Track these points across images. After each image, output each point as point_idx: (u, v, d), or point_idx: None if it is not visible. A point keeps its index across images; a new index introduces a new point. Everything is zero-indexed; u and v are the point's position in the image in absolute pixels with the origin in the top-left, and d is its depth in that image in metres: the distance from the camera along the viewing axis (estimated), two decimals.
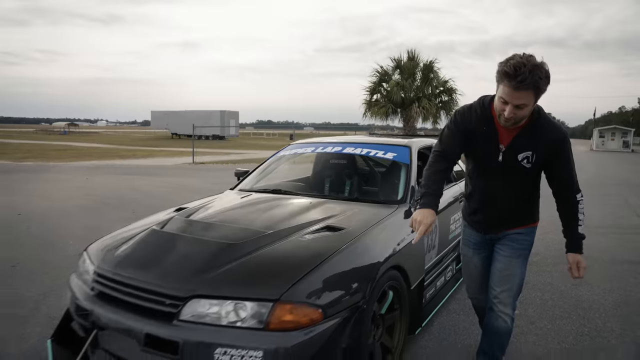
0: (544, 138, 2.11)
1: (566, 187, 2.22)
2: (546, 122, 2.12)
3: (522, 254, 2.37)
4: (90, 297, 2.29)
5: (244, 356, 1.81)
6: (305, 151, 3.88)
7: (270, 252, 2.21)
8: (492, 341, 2.44)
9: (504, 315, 2.35)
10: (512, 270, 2.34)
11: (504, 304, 2.34)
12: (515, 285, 2.36)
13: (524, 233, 2.37)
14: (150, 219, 2.96)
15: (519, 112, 1.99)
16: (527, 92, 1.92)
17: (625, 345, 3.00)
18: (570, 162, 2.19)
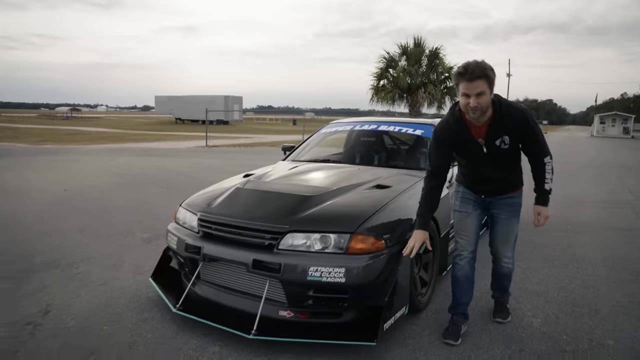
0: (511, 122, 2.50)
1: (536, 155, 2.62)
2: (508, 109, 2.50)
3: (516, 214, 2.81)
4: (198, 238, 2.97)
5: (330, 272, 2.51)
6: (345, 129, 4.55)
7: (340, 201, 2.91)
8: (502, 281, 3.01)
9: (507, 262, 2.89)
10: (511, 230, 2.82)
11: (506, 256, 2.88)
12: (513, 238, 2.87)
13: (515, 197, 2.79)
14: (225, 184, 3.61)
15: (481, 99, 2.38)
16: (480, 81, 2.35)
17: (609, 285, 3.71)
18: (537, 135, 2.57)
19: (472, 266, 2.86)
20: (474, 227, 2.84)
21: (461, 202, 2.88)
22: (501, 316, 3.04)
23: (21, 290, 3.41)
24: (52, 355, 2.53)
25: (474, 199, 2.84)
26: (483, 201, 2.83)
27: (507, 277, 2.99)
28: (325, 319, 2.66)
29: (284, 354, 2.56)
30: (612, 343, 2.74)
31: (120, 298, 3.31)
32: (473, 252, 2.84)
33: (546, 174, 2.61)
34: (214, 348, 2.63)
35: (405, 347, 2.67)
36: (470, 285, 2.88)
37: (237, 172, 4.32)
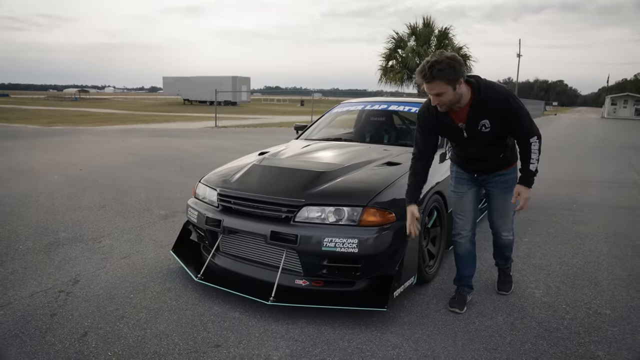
0: (491, 106, 2.48)
1: (522, 135, 2.57)
2: (488, 92, 2.47)
3: (510, 190, 2.76)
4: (217, 212, 3.14)
5: (344, 243, 2.67)
6: (356, 108, 4.67)
7: (353, 177, 3.06)
8: (503, 251, 3.10)
9: (507, 235, 2.98)
10: (506, 205, 2.85)
11: (505, 230, 2.96)
12: (509, 213, 2.92)
13: (508, 173, 2.81)
14: (241, 161, 3.76)
15: (442, 99, 2.42)
16: (436, 82, 2.36)
17: (610, 260, 3.85)
18: (521, 116, 2.50)
19: (472, 242, 2.96)
20: (470, 206, 2.90)
21: (455, 182, 2.95)
22: (504, 288, 3.17)
23: (50, 262, 3.62)
24: (86, 317, 2.73)
25: (467, 177, 2.90)
26: (476, 179, 2.88)
27: (508, 247, 3.08)
28: (339, 287, 2.84)
29: (300, 319, 2.74)
30: (609, 312, 2.90)
31: (143, 269, 3.51)
32: (471, 230, 2.93)
33: (532, 155, 2.54)
34: (234, 314, 2.82)
35: (414, 314, 2.84)
36: (473, 259, 3.00)
37: (247, 152, 4.47)
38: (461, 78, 2.41)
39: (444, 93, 2.41)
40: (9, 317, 2.72)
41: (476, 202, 2.93)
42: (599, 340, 2.56)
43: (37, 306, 2.86)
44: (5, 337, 2.50)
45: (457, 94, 2.44)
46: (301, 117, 28.59)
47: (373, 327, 2.67)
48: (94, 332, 2.57)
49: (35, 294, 3.05)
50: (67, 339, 2.50)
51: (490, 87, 2.51)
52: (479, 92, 2.48)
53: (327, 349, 2.45)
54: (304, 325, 2.69)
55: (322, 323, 2.71)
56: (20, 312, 2.78)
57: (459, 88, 2.43)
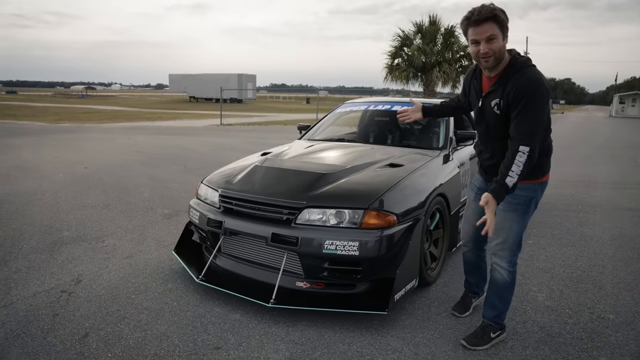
0: (511, 84, 2.17)
1: (515, 136, 2.16)
2: (521, 69, 2.19)
3: (516, 208, 2.35)
4: (219, 213, 3.13)
5: (345, 245, 2.66)
6: (359, 109, 4.65)
7: (355, 179, 3.04)
8: (492, 291, 2.53)
9: (499, 267, 2.43)
10: (505, 224, 2.36)
11: (498, 256, 2.42)
12: (510, 238, 2.37)
13: (521, 188, 2.28)
14: (244, 161, 3.76)
15: (492, 45, 2.14)
16: (488, 24, 2.13)
17: (615, 263, 3.81)
18: (528, 113, 2.13)
19: (477, 255, 2.77)
20: (473, 216, 2.62)
21: (470, 187, 2.77)
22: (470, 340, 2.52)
23: (54, 261, 3.63)
24: (87, 318, 2.74)
25: (479, 185, 2.63)
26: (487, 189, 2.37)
27: (498, 288, 2.48)
28: (340, 290, 2.83)
29: (301, 322, 2.74)
30: (613, 317, 2.87)
31: (145, 269, 3.51)
32: (472, 242, 2.72)
33: (513, 166, 2.13)
34: (235, 316, 2.82)
35: (415, 317, 2.83)
36: (477, 269, 2.84)
37: (252, 151, 4.47)
38: (507, 30, 2.19)
39: (496, 37, 2.14)
40: (11, 317, 2.74)
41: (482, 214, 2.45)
42: (601, 345, 2.54)
43: (40, 306, 2.88)
44: (7, 338, 2.51)
45: (503, 47, 2.19)
46: (306, 115, 28.57)
47: (373, 330, 2.65)
48: (95, 333, 2.58)
49: (38, 293, 3.06)
50: (69, 339, 2.51)
51: (528, 68, 2.20)
52: (513, 65, 2.22)
53: (327, 352, 2.44)
54: (304, 327, 2.68)
55: (322, 326, 2.70)
56: (23, 312, 2.79)
57: (505, 42, 2.19)
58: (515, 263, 2.45)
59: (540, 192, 2.41)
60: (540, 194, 2.42)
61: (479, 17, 2.14)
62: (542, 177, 2.38)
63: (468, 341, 2.52)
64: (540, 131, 2.19)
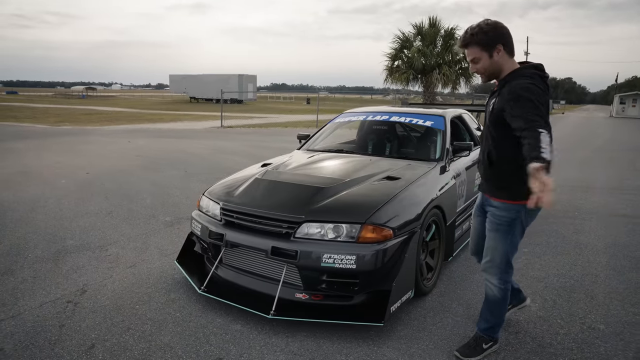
0: (506, 88, 2.26)
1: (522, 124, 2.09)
2: (518, 77, 2.24)
3: (500, 229, 2.39)
4: (220, 226, 3.22)
5: (342, 259, 2.74)
6: (358, 119, 4.73)
7: (353, 192, 3.13)
8: (485, 305, 2.60)
9: (490, 283, 2.50)
10: (491, 243, 2.44)
11: (488, 273, 2.50)
12: (496, 257, 2.42)
13: (500, 207, 2.38)
14: (244, 172, 3.84)
15: (477, 66, 2.31)
16: (470, 48, 2.28)
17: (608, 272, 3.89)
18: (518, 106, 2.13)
19: None
20: (473, 233, 2.72)
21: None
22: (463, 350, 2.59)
23: (59, 271, 3.72)
24: (93, 328, 2.83)
25: (479, 203, 2.65)
26: (483, 205, 2.59)
27: (489, 302, 2.55)
28: (337, 302, 2.91)
29: (300, 333, 2.82)
30: (603, 327, 2.95)
31: (148, 279, 3.60)
32: (476, 255, 2.76)
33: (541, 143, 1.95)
34: (236, 326, 2.90)
35: (410, 328, 2.91)
36: None
37: (252, 155, 4.56)
38: (500, 45, 2.25)
39: (479, 59, 2.28)
40: (19, 327, 2.82)
41: (481, 230, 2.62)
42: (590, 356, 2.62)
43: (46, 317, 2.97)
44: (16, 349, 2.60)
45: (496, 63, 2.28)
46: (307, 115, 28.65)
47: (370, 341, 2.74)
48: (100, 345, 2.67)
49: (45, 304, 3.15)
50: (75, 350, 2.60)
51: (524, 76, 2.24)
52: (512, 74, 2.28)
53: None
54: (303, 338, 2.77)
55: (320, 336, 2.79)
56: (30, 323, 2.88)
57: (498, 57, 2.27)
58: (506, 281, 2.49)
59: (524, 213, 2.34)
60: (524, 215, 2.36)
61: (462, 42, 2.32)
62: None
63: (461, 352, 2.59)
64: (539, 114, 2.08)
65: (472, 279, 3.70)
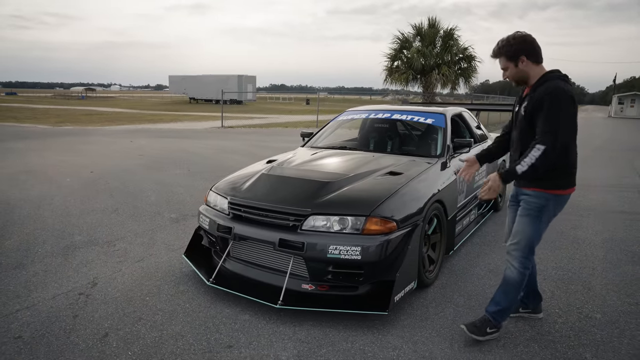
0: (537, 91, 2.50)
1: (536, 136, 2.43)
2: (547, 82, 2.48)
3: (530, 214, 2.58)
4: (228, 219, 3.31)
5: (348, 250, 2.84)
6: (360, 116, 4.83)
7: (357, 187, 3.23)
8: (501, 287, 2.73)
9: (511, 265, 2.66)
10: (519, 227, 2.62)
11: (511, 255, 2.66)
12: (522, 241, 2.60)
13: (532, 195, 2.59)
14: (250, 169, 3.94)
15: (507, 74, 2.62)
16: (500, 59, 2.60)
17: (605, 265, 3.99)
18: (544, 116, 2.40)
19: None
20: (509, 222, 2.86)
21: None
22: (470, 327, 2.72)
23: (69, 265, 3.81)
24: (106, 318, 2.92)
25: (513, 193, 2.82)
26: (517, 196, 2.76)
27: (505, 283, 2.69)
28: (343, 292, 3.01)
29: (307, 322, 2.92)
30: (599, 316, 3.05)
31: (156, 273, 3.69)
32: None
33: (527, 157, 2.40)
34: (245, 316, 3.00)
35: (414, 317, 3.01)
36: None
37: (254, 154, 4.65)
38: (523, 56, 2.53)
39: (507, 68, 2.60)
40: (35, 317, 2.92)
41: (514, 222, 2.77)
42: (587, 343, 2.72)
43: (60, 308, 3.06)
44: (34, 337, 2.69)
45: (522, 71, 2.56)
46: (307, 116, 28.76)
47: (375, 330, 2.84)
48: (114, 333, 2.76)
49: (57, 296, 3.24)
50: (90, 339, 2.69)
51: (554, 81, 2.48)
52: (542, 80, 2.52)
53: (331, 350, 2.62)
54: (310, 327, 2.86)
55: (327, 325, 2.88)
56: (45, 314, 2.97)
57: (523, 65, 2.55)
58: (526, 266, 2.64)
59: (553, 203, 2.57)
60: (553, 205, 2.58)
61: (493, 54, 2.65)
62: (556, 189, 2.55)
63: (468, 327, 2.72)
64: (561, 134, 2.37)
65: (473, 272, 3.80)
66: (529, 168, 2.39)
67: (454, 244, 3.96)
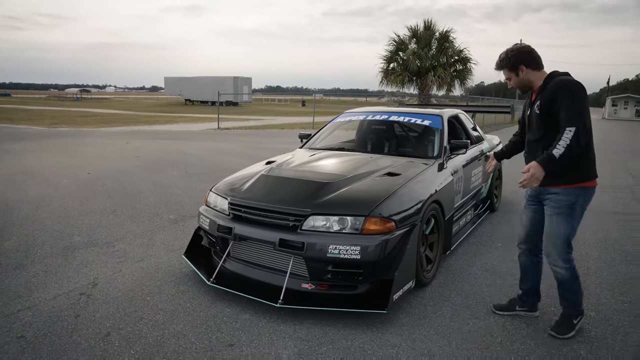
0: (547, 88, 2.65)
1: (561, 123, 2.52)
2: (554, 80, 2.65)
3: (562, 212, 2.66)
4: (228, 220, 3.35)
5: (347, 249, 2.88)
6: (358, 118, 4.88)
7: (356, 187, 3.27)
8: (561, 289, 2.84)
9: (555, 267, 2.74)
10: (553, 228, 2.70)
11: (552, 257, 2.73)
12: (559, 240, 2.68)
13: (560, 193, 2.67)
14: (250, 170, 3.97)
15: (512, 82, 2.81)
16: (503, 71, 2.81)
17: (599, 264, 4.06)
18: (566, 105, 2.50)
19: (530, 259, 3.00)
20: (527, 221, 2.94)
21: (524, 196, 3.02)
22: (556, 329, 2.84)
23: (69, 265, 3.83)
24: (107, 318, 2.95)
25: (530, 192, 2.91)
26: (537, 195, 2.84)
27: (561, 284, 2.80)
28: (342, 291, 3.05)
29: (307, 321, 2.95)
30: (594, 314, 3.11)
31: (156, 273, 3.72)
32: (525, 244, 2.99)
33: (561, 141, 2.46)
34: (245, 316, 3.03)
35: (412, 316, 3.05)
36: (528, 275, 3.03)
37: (250, 155, 4.68)
38: (522, 65, 2.71)
39: (510, 78, 2.80)
40: (37, 317, 2.94)
41: (534, 220, 2.90)
42: (582, 340, 2.77)
43: (61, 308, 3.08)
44: (36, 336, 2.71)
45: (523, 79, 2.75)
46: (303, 117, 28.81)
47: (374, 328, 2.88)
48: (116, 332, 2.79)
49: (58, 296, 3.26)
50: (93, 338, 2.72)
51: (561, 78, 2.64)
52: (549, 80, 2.68)
53: (331, 348, 2.66)
54: (310, 325, 2.90)
55: (327, 324, 2.92)
56: (47, 313, 2.99)
57: (523, 74, 2.73)
58: (569, 260, 2.73)
59: (582, 197, 2.69)
60: (583, 199, 2.69)
61: (496, 67, 2.85)
62: (583, 181, 2.66)
63: (556, 331, 2.80)
64: (584, 116, 2.49)
65: (470, 272, 3.85)
66: (566, 150, 2.44)
67: (451, 243, 4.01)
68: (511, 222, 5.33)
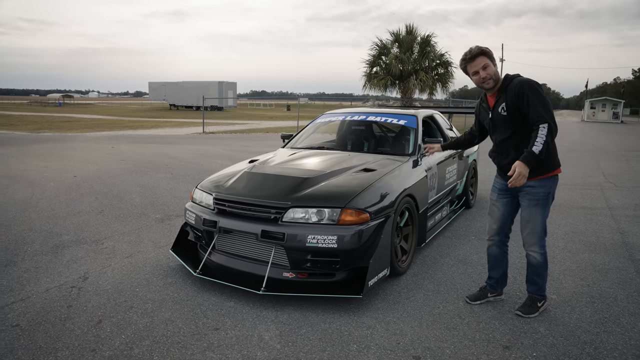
0: (509, 89, 2.82)
1: (532, 121, 2.71)
2: (514, 78, 2.84)
3: (538, 204, 2.88)
4: (213, 214, 3.53)
5: (325, 239, 3.08)
6: (338, 119, 5.10)
7: (333, 182, 3.48)
8: (531, 272, 3.07)
9: (533, 253, 2.99)
10: (531, 217, 2.92)
11: (529, 244, 2.99)
12: (537, 227, 2.93)
13: (536, 185, 2.85)
14: (233, 168, 4.16)
15: (488, 71, 2.85)
16: (480, 58, 2.85)
17: (564, 254, 4.32)
18: (533, 103, 2.69)
19: (501, 248, 3.20)
20: (498, 213, 3.12)
21: (491, 190, 3.22)
22: (523, 309, 3.06)
23: (59, 262, 3.96)
24: (99, 308, 3.10)
25: (500, 187, 3.09)
26: (509, 188, 2.94)
27: (535, 268, 3.03)
28: (321, 279, 3.25)
29: (288, 306, 3.15)
30: (555, 297, 3.36)
31: (145, 267, 3.87)
32: (497, 236, 3.17)
33: (537, 138, 2.64)
34: (230, 303, 3.21)
35: (387, 302, 3.26)
36: (498, 264, 3.23)
37: (235, 158, 4.85)
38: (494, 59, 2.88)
39: (488, 65, 2.85)
40: (30, 308, 3.08)
41: (505, 212, 3.11)
42: (542, 319, 3.02)
43: (54, 299, 3.22)
44: (31, 324, 2.86)
45: (497, 71, 2.89)
46: (287, 122, 29.02)
47: (351, 312, 3.08)
48: (107, 320, 2.94)
49: (50, 289, 3.40)
50: (85, 325, 2.87)
51: (517, 78, 2.85)
52: (510, 81, 2.86)
53: (310, 330, 2.86)
54: (291, 311, 3.09)
55: (306, 309, 3.12)
56: (40, 304, 3.13)
57: (495, 67, 2.88)
58: (544, 246, 3.00)
59: (554, 185, 2.95)
60: (554, 187, 2.95)
61: (472, 54, 2.88)
62: (553, 170, 2.90)
63: (522, 311, 3.04)
64: (551, 112, 2.70)
65: (443, 262, 4.08)
66: (544, 145, 2.64)
67: (425, 236, 4.24)
68: (486, 217, 5.59)
